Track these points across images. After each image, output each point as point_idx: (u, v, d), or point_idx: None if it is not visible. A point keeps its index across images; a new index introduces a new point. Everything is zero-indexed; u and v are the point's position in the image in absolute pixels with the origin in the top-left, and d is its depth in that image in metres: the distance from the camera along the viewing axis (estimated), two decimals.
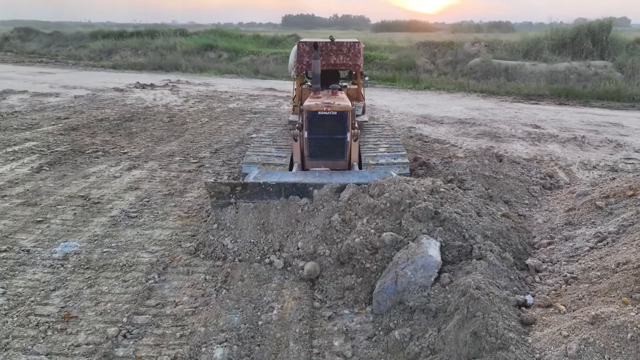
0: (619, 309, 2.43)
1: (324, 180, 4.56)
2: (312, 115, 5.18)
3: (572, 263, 3.41)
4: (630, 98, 13.13)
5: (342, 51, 6.48)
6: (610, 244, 3.38)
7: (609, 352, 2.24)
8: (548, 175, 5.62)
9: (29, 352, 3.11)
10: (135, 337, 3.26)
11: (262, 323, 3.37)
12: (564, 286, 3.09)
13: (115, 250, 4.44)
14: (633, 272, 2.72)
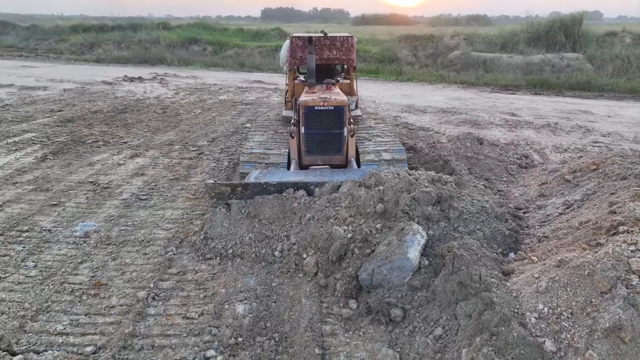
0: (579, 254, 2.96)
1: (325, 178, 4.55)
2: (308, 111, 5.14)
3: (544, 226, 3.94)
4: (600, 88, 13.91)
5: (335, 46, 6.42)
6: (576, 209, 3.92)
7: (571, 286, 2.76)
8: (524, 156, 6.19)
9: (69, 313, 3.48)
10: (163, 299, 3.66)
11: (276, 284, 3.81)
12: (537, 244, 3.61)
13: (132, 228, 4.81)
14: (591, 227, 3.26)
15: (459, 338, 2.91)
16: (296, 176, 4.73)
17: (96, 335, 3.25)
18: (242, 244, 4.22)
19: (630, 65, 15.31)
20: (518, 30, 19.34)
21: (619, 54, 16.04)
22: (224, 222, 4.33)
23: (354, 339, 3.21)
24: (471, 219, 3.84)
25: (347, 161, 5.34)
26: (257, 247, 4.20)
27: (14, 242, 4.50)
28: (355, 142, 5.40)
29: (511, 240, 3.84)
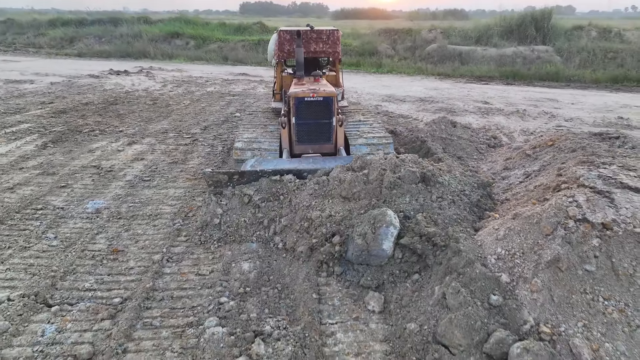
0: (530, 208, 3.57)
1: (318, 165, 4.74)
2: (299, 102, 5.31)
3: (506, 192, 4.56)
4: (567, 79, 14.78)
5: (321, 39, 6.53)
6: (533, 177, 4.55)
7: (523, 232, 3.37)
8: (492, 137, 6.84)
9: (93, 273, 3.94)
10: (176, 261, 4.14)
11: (274, 250, 4.33)
12: (499, 205, 4.23)
13: (139, 204, 5.25)
14: (542, 188, 3.88)
15: (432, 279, 3.50)
16: (290, 164, 4.93)
17: (120, 290, 3.73)
18: (238, 228, 4.50)
19: (596, 57, 16.24)
20: (492, 24, 20.15)
21: (585, 47, 16.96)
22: (217, 209, 4.58)
23: (345, 286, 3.77)
24: (453, 191, 4.39)
25: (336, 150, 5.54)
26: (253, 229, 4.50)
27: (31, 218, 4.90)
28: (343, 131, 5.61)
29: (486, 207, 4.44)
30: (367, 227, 3.78)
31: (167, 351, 3.08)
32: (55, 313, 3.44)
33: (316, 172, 4.55)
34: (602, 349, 2.75)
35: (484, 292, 3.17)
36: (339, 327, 3.36)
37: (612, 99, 11.57)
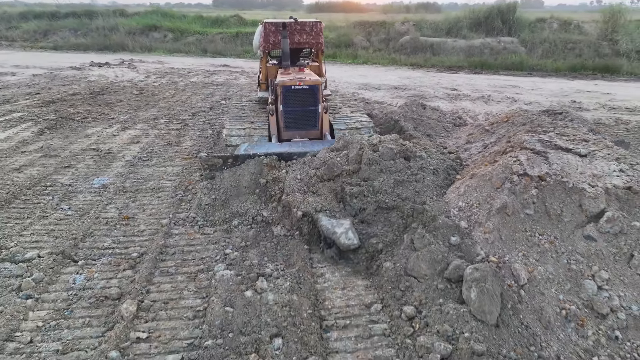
0: (484, 168, 4.30)
1: (307, 149, 5.06)
2: (286, 90, 5.57)
3: (467, 161, 5.29)
4: (530, 68, 15.78)
5: (305, 30, 6.75)
6: (489, 147, 5.30)
7: (479, 188, 4.09)
8: (458, 118, 7.61)
9: (109, 235, 4.49)
10: (182, 224, 4.72)
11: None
12: (462, 170, 4.96)
13: (141, 180, 5.78)
14: (495, 153, 4.62)
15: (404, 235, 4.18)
16: (281, 147, 5.24)
17: (136, 247, 4.29)
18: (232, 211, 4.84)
19: (557, 48, 17.32)
20: (462, 17, 21.06)
21: (547, 38, 18.04)
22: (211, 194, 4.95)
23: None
24: (431, 163, 5.03)
25: (322, 135, 5.86)
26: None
27: (43, 194, 5.38)
28: (328, 117, 5.91)
29: (455, 173, 5.14)
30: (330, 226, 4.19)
31: (184, 290, 3.69)
32: (82, 266, 3.99)
33: (305, 155, 4.85)
34: (536, 270, 3.49)
35: (445, 235, 3.89)
36: (327, 269, 4.02)
37: (569, 85, 12.57)
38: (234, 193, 5.00)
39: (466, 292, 3.26)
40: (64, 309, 3.47)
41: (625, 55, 16.15)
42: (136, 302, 3.50)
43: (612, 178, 3.79)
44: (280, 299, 3.47)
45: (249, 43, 20.51)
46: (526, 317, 3.29)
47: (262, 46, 6.82)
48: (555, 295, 3.40)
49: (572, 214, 3.71)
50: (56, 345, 3.12)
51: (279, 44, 6.49)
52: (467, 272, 3.34)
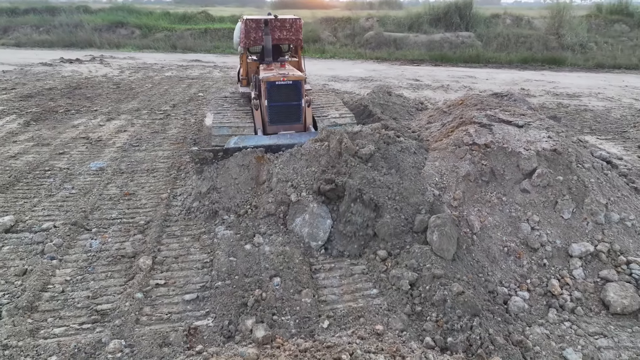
0: (440, 142, 5.09)
1: (295, 140, 5.22)
2: (270, 86, 5.68)
3: (428, 137, 6.08)
4: (486, 60, 16.95)
5: (285, 27, 6.81)
6: (446, 125, 6.11)
7: (446, 159, 4.87)
8: (420, 103, 8.45)
9: (115, 208, 5.01)
10: (178, 197, 5.28)
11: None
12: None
13: (136, 163, 6.28)
14: (450, 128, 5.43)
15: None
16: (270, 139, 5.37)
17: (142, 216, 4.85)
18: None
19: (510, 42, 18.60)
20: (422, 13, 22.12)
21: (501, 33, 19.32)
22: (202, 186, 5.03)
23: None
24: (410, 145, 5.69)
25: (305, 128, 6.00)
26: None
27: (44, 177, 5.80)
28: (311, 111, 6.06)
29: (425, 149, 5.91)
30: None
31: (191, 248, 4.29)
32: (95, 233, 4.52)
33: (292, 146, 5.00)
34: (486, 220, 4.30)
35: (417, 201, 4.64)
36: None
37: (519, 75, 13.74)
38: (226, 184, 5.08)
39: (430, 235, 4.01)
40: (86, 267, 4.01)
41: (570, 48, 17.59)
42: (151, 257, 4.09)
43: (542, 143, 4.65)
44: (275, 250, 4.13)
45: (217, 39, 20.86)
46: (477, 254, 4.09)
47: (243, 42, 6.80)
48: (500, 237, 4.21)
49: (512, 172, 4.55)
50: (86, 293, 3.67)
51: (259, 40, 6.62)
52: (431, 220, 4.09)
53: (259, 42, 6.66)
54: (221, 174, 5.01)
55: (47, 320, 3.37)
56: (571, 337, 3.33)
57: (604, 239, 4.04)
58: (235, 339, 3.23)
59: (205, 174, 5.04)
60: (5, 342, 3.07)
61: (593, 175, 4.49)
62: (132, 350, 3.08)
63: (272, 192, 4.73)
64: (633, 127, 7.91)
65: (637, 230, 4.19)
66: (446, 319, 3.34)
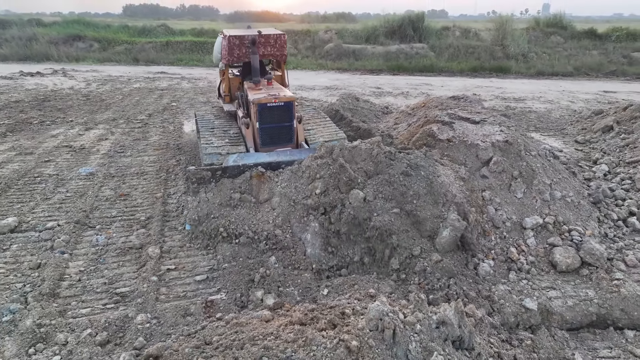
0: (402, 127, 5.78)
1: (295, 157, 5.17)
2: (261, 107, 5.55)
3: (397, 137, 6.77)
4: (439, 69, 18.14)
5: (269, 43, 6.64)
6: (412, 125, 6.83)
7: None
8: (385, 107, 9.19)
9: (113, 208, 5.32)
10: (174, 196, 5.65)
11: None
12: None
13: (124, 167, 6.56)
14: (416, 127, 6.13)
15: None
16: (270, 157, 5.25)
17: (141, 214, 5.19)
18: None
19: (460, 52, 19.97)
20: (378, 26, 23.26)
21: (451, 44, 20.70)
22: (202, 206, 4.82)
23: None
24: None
25: (297, 146, 5.87)
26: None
27: (35, 182, 6.00)
28: (302, 127, 6.00)
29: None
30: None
31: (192, 241, 4.69)
32: (99, 230, 4.84)
33: (292, 163, 4.98)
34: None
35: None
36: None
37: (471, 82, 14.93)
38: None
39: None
40: (97, 259, 4.34)
41: (514, 58, 19.15)
42: (158, 247, 4.47)
43: (495, 135, 5.43)
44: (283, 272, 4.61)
45: (180, 51, 21.03)
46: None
47: (226, 59, 6.56)
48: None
49: (472, 161, 5.27)
50: (102, 280, 4.01)
51: (242, 56, 6.50)
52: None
53: (242, 58, 6.52)
54: (217, 194, 4.80)
55: (71, 304, 3.69)
56: (528, 291, 4.01)
57: (550, 212, 4.82)
58: (248, 307, 3.69)
59: (200, 196, 4.81)
60: (38, 321, 3.39)
61: (539, 161, 5.30)
62: (159, 320, 3.48)
63: (275, 212, 4.65)
64: (570, 125, 8.99)
65: (575, 205, 5.01)
66: (427, 282, 3.95)
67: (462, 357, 2.81)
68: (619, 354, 3.52)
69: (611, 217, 5.01)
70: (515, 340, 3.49)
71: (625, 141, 6.94)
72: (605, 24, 28.34)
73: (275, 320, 3.26)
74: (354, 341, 2.58)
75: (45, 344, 3.22)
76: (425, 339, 2.69)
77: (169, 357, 2.94)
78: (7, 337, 3.27)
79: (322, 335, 2.74)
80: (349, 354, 2.56)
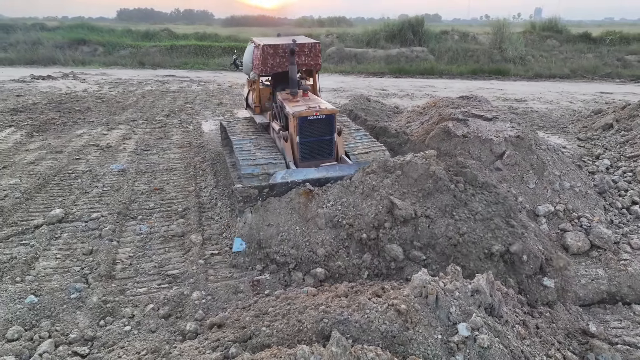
0: (415, 125, 6.17)
1: (344, 172, 4.98)
2: (302, 121, 5.38)
3: (411, 134, 7.15)
4: (440, 72, 18.59)
5: (304, 52, 6.45)
6: (425, 123, 7.22)
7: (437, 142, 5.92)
8: (395, 107, 9.59)
9: (150, 200, 5.66)
10: (206, 190, 5.99)
11: None
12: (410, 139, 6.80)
13: (153, 164, 6.89)
14: (431, 124, 6.52)
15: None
16: (318, 172, 5.06)
17: (178, 205, 5.53)
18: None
19: (459, 55, 20.46)
20: (378, 30, 23.74)
21: (451, 47, 21.19)
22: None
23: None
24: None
25: (337, 160, 5.70)
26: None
27: (70, 178, 6.31)
28: (342, 140, 5.84)
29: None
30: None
31: (229, 227, 5.03)
32: (141, 220, 5.17)
33: (342, 178, 4.80)
34: None
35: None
36: None
37: (472, 84, 15.39)
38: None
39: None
40: (143, 246, 4.67)
41: (511, 60, 19.66)
42: (200, 234, 4.81)
43: (507, 131, 5.82)
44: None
45: (184, 55, 21.37)
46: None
47: (259, 69, 6.31)
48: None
49: (487, 155, 5.67)
50: (152, 264, 4.35)
51: (276, 67, 6.30)
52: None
53: (276, 68, 6.29)
54: (264, 214, 4.60)
55: (128, 284, 4.03)
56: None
57: (560, 201, 5.21)
58: (292, 285, 4.04)
59: (247, 216, 4.58)
60: (103, 298, 3.72)
61: (548, 154, 5.70)
62: (213, 297, 3.82)
63: (324, 231, 4.42)
64: (571, 124, 9.43)
65: (583, 194, 5.41)
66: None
67: (494, 322, 3.17)
68: (627, 325, 3.89)
69: (616, 205, 5.42)
70: (536, 313, 3.86)
71: (625, 137, 7.37)
72: (597, 27, 29.03)
73: (321, 294, 3.61)
74: (403, 305, 2.94)
75: (113, 317, 3.55)
76: (463, 303, 3.05)
77: (232, 325, 3.29)
78: (78, 312, 3.60)
79: (372, 301, 3.10)
80: (399, 316, 2.91)
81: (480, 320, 2.94)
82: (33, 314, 3.54)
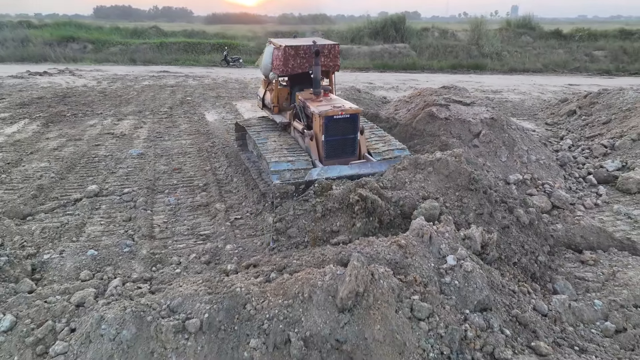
0: (402, 112, 7.04)
1: (376, 169, 5.29)
2: (328, 120, 5.55)
3: (400, 119, 8.02)
4: (422, 67, 19.60)
5: (323, 53, 6.48)
6: (411, 110, 8.10)
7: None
8: (383, 97, 10.47)
9: (173, 178, 6.38)
10: (220, 169, 6.74)
11: None
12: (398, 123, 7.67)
13: (168, 148, 7.60)
14: (417, 109, 7.41)
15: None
16: (352, 169, 5.35)
17: (198, 181, 6.27)
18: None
19: (439, 51, 21.50)
20: (362, 27, 24.63)
21: (431, 44, 22.22)
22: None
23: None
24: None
25: (360, 158, 5.87)
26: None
27: (94, 161, 6.98)
28: (365, 138, 6.00)
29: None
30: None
31: (249, 198, 5.79)
32: (168, 194, 5.90)
33: (374, 175, 5.01)
34: None
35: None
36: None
37: (452, 77, 16.40)
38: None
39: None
40: (174, 214, 5.41)
41: (488, 56, 20.79)
42: (223, 203, 5.57)
43: (483, 114, 6.74)
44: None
45: (174, 52, 21.87)
46: None
47: (280, 70, 6.40)
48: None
49: (466, 134, 6.57)
50: (185, 227, 5.10)
51: (297, 67, 6.44)
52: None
53: (297, 69, 6.44)
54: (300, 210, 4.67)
55: (168, 242, 4.78)
56: None
57: (528, 171, 6.14)
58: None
59: (280, 211, 4.61)
60: (151, 251, 4.47)
61: (517, 133, 6.64)
62: (244, 248, 4.60)
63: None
64: (541, 111, 10.46)
65: (547, 166, 6.36)
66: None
67: (477, 259, 4.03)
68: (578, 265, 4.82)
69: (574, 175, 6.38)
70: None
71: (585, 121, 8.39)
72: (570, 25, 30.52)
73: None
74: (403, 240, 3.78)
75: (163, 265, 4.31)
76: (452, 242, 3.91)
77: (265, 264, 4.09)
78: (133, 261, 4.34)
79: (379, 239, 3.94)
80: (400, 249, 3.76)
81: (465, 253, 3.80)
82: (96, 262, 4.27)
